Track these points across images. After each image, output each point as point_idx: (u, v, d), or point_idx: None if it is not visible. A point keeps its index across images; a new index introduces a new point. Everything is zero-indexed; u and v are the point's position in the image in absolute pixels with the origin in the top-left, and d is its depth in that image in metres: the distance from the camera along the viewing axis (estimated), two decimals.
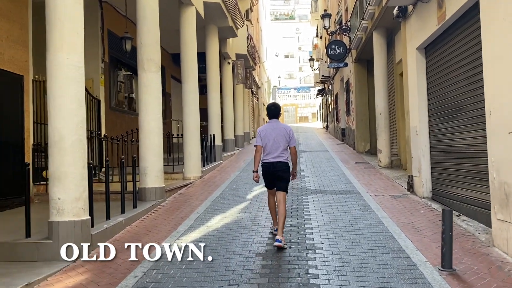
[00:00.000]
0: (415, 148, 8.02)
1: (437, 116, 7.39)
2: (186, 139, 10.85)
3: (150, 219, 6.96)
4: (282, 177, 5.45)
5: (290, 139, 5.53)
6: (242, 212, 6.99)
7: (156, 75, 8.21)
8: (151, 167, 8.04)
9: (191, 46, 10.85)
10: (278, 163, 5.43)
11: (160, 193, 8.10)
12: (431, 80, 7.60)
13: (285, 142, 5.50)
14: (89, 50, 11.33)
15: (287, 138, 5.51)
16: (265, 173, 5.57)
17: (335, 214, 6.69)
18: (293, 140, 5.57)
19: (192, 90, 10.89)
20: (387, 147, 12.02)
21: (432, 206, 7.09)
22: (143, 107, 8.14)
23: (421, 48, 7.79)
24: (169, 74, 17.16)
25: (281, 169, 5.44)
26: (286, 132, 5.53)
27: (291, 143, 5.54)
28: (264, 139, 5.53)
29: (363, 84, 16.12)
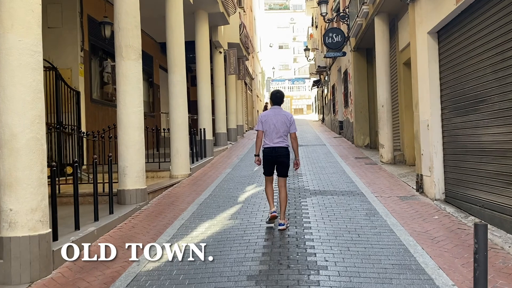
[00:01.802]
0: (425, 144, 7.21)
1: (452, 109, 6.57)
2: (173, 134, 9.98)
3: (127, 227, 6.11)
4: (282, 162, 5.58)
5: (290, 125, 5.60)
6: (233, 219, 6.16)
7: (135, 63, 7.31)
8: (131, 167, 7.17)
9: (177, 32, 9.93)
10: (279, 148, 5.54)
11: (141, 196, 7.24)
12: (444, 68, 6.76)
13: (286, 128, 5.58)
14: (66, 37, 10.45)
15: (288, 124, 5.58)
16: (266, 158, 5.66)
17: (339, 221, 5.87)
18: (293, 126, 5.62)
19: (179, 80, 9.99)
20: (389, 142, 11.21)
21: (446, 211, 6.29)
22: (122, 98, 7.25)
23: (433, 33, 6.94)
24: (157, 64, 16.21)
25: (282, 154, 5.56)
26: (287, 118, 5.61)
27: (291, 129, 5.61)
28: (265, 125, 5.62)
29: (362, 75, 15.27)
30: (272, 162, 5.64)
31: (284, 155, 5.58)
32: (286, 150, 5.61)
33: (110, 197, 6.45)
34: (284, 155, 5.58)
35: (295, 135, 5.68)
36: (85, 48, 10.62)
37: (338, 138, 18.44)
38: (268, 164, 5.66)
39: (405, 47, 10.61)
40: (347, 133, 17.83)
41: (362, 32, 13.38)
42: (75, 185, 5.55)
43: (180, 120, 10.03)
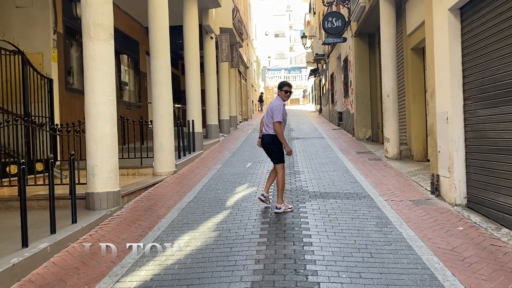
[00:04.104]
0: (443, 140, 6.22)
1: (477, 99, 5.57)
2: (157, 127, 8.94)
3: (92, 240, 5.09)
4: (268, 149, 5.95)
5: (272, 115, 5.81)
6: (218, 230, 5.15)
7: (106, 44, 6.24)
8: (101, 166, 6.14)
9: (161, 11, 8.86)
10: (264, 135, 5.93)
11: (114, 200, 6.23)
12: (469, 51, 5.75)
13: (270, 118, 5.85)
14: (37, 18, 9.26)
15: (271, 114, 5.84)
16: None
17: (345, 233, 4.88)
18: (275, 116, 5.77)
19: (162, 66, 8.93)
20: (395, 135, 10.22)
21: (471, 220, 5.32)
22: (90, 86, 6.20)
23: (455, 9, 5.91)
24: (144, 50, 15.07)
25: (266, 141, 5.91)
26: (271, 107, 5.88)
27: (273, 118, 5.79)
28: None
29: (364, 62, 14.22)
30: (264, 149, 6.05)
31: (268, 143, 5.89)
32: (270, 137, 5.86)
33: (72, 203, 5.42)
34: (268, 143, 5.89)
35: (276, 125, 5.76)
36: (58, 30, 9.50)
37: (337, 130, 17.43)
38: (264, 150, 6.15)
39: (413, 30, 9.59)
40: (347, 124, 16.83)
41: (365, 16, 12.31)
42: (21, 186, 4.51)
43: (164, 111, 8.98)
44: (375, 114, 14.05)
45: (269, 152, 5.96)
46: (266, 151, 6.01)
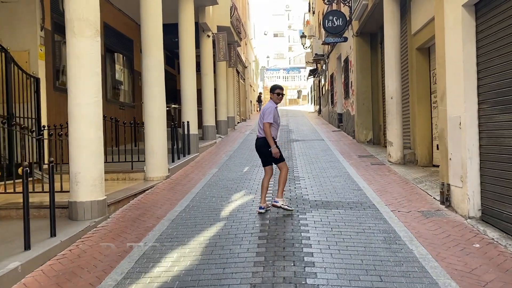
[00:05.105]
0: (455, 147, 5.76)
1: (494, 103, 5.12)
2: (148, 130, 8.47)
3: (72, 257, 4.61)
4: (263, 152, 5.99)
5: (263, 116, 5.90)
6: (210, 246, 4.68)
7: (91, 41, 5.76)
8: (85, 173, 5.67)
9: (154, 7, 8.38)
10: (257, 139, 6.05)
11: (99, 209, 5.75)
12: (484, 50, 5.29)
13: (261, 121, 5.95)
14: (23, 14, 8.72)
15: (262, 116, 5.95)
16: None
17: (350, 251, 4.42)
18: (265, 117, 5.86)
19: (155, 65, 8.46)
20: (399, 139, 9.77)
21: (488, 235, 4.86)
22: (73, 86, 5.72)
23: (470, 5, 5.46)
24: (138, 49, 14.51)
25: (260, 144, 5.98)
26: (263, 110, 5.98)
27: (264, 119, 5.88)
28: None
29: (365, 62, 13.76)
30: (257, 151, 6.10)
31: (260, 145, 5.98)
32: (263, 141, 5.92)
33: (51, 214, 4.94)
34: (260, 145, 5.98)
35: (265, 125, 5.84)
36: (46, 26, 9.00)
37: (337, 132, 16.98)
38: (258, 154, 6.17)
39: (419, 29, 9.14)
40: (347, 126, 16.38)
41: (367, 14, 11.86)
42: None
43: (156, 113, 8.51)
44: (377, 116, 13.61)
45: (264, 154, 5.98)
46: (261, 154, 6.03)
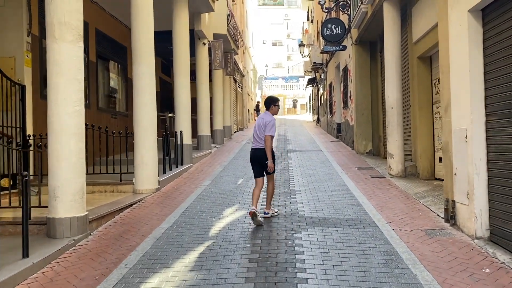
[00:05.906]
0: (461, 162, 5.39)
1: (502, 115, 4.76)
2: (138, 140, 8.10)
3: (43, 281, 4.21)
4: (261, 163, 6.00)
5: (265, 128, 5.92)
6: (196, 269, 4.28)
7: (73, 47, 5.41)
8: (64, 187, 5.28)
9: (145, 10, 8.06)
10: (256, 150, 6.06)
11: (79, 226, 5.36)
12: (492, 59, 4.95)
13: (262, 132, 5.97)
14: (9, 19, 8.29)
15: (263, 128, 5.95)
16: (250, 158, 6.18)
17: (349, 277, 4.02)
18: (267, 129, 5.89)
19: (145, 72, 8.14)
20: (400, 151, 9.41)
21: (498, 258, 4.47)
22: (53, 94, 5.35)
23: (476, 10, 5.12)
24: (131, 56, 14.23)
25: (258, 155, 6.00)
26: (264, 121, 5.97)
27: (265, 131, 5.90)
28: (253, 129, 6.23)
29: (365, 71, 13.44)
30: (252, 162, 6.12)
31: (260, 156, 5.98)
32: (261, 151, 5.97)
33: (23, 233, 4.54)
34: (260, 156, 5.98)
35: (267, 138, 5.90)
36: (33, 32, 8.66)
37: (336, 143, 16.61)
38: (251, 164, 6.18)
39: (420, 37, 8.83)
40: (346, 137, 16.02)
41: (367, 22, 11.56)
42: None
43: (146, 122, 8.15)
44: (376, 126, 13.26)
45: (261, 165, 6.01)
46: (258, 164, 6.05)
